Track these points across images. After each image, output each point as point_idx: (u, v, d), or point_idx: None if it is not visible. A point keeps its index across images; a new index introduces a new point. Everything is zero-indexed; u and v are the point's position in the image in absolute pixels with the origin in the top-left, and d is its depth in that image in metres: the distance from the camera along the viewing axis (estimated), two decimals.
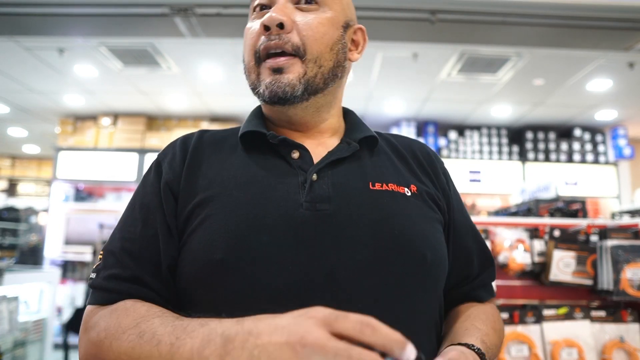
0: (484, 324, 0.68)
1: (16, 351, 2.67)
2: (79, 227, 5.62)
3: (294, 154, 0.68)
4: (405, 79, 4.48)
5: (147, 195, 0.67)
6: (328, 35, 0.68)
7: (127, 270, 0.62)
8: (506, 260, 1.76)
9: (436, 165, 0.77)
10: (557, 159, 5.73)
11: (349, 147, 0.70)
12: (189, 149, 0.71)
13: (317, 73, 0.67)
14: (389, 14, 2.81)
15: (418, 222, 0.66)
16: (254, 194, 0.63)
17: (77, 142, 5.86)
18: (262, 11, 0.69)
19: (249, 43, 0.69)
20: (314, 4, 0.68)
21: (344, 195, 0.64)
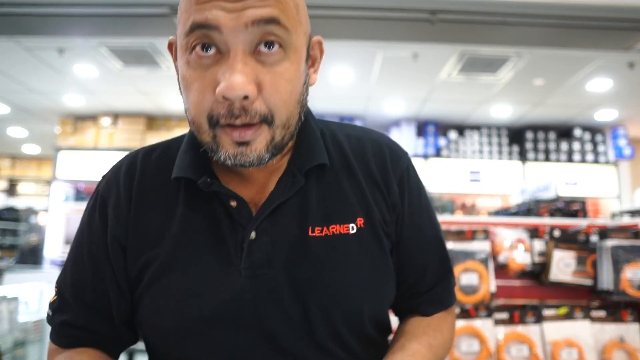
0: (416, 341, 0.67)
1: (16, 351, 2.68)
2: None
3: (231, 202, 0.63)
4: (405, 79, 4.48)
5: (93, 244, 0.66)
6: (296, 90, 0.58)
7: (80, 319, 0.65)
8: (506, 260, 1.76)
9: (389, 174, 0.70)
10: (557, 159, 5.73)
11: (292, 184, 0.64)
12: (133, 189, 0.67)
13: (284, 134, 0.59)
14: (389, 14, 2.81)
15: (357, 269, 0.64)
16: (196, 261, 0.62)
17: (77, 142, 5.86)
18: (205, 52, 0.54)
19: (195, 100, 0.56)
20: (277, 48, 0.55)
21: (282, 253, 0.62)
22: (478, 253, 1.73)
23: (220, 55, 0.55)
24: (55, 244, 5.60)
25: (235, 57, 0.53)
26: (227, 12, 0.52)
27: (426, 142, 5.74)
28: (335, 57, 3.97)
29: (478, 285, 1.69)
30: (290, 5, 0.56)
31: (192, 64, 0.56)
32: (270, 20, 0.53)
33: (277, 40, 0.55)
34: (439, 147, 5.78)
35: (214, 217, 0.63)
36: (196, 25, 0.53)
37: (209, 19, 0.52)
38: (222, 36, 0.53)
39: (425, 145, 5.73)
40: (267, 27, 0.53)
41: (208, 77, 0.55)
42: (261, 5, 0.53)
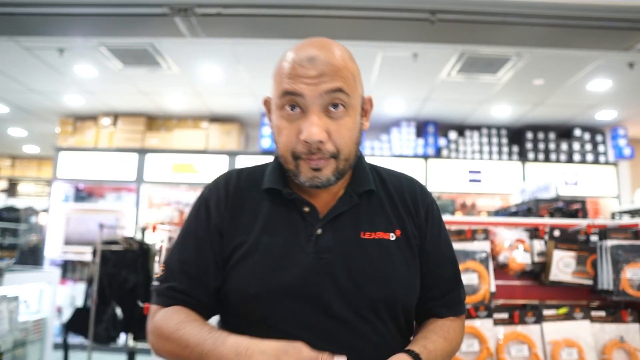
0: (434, 334, 0.88)
1: (16, 351, 2.68)
2: (79, 227, 5.62)
3: (305, 208, 0.87)
4: (405, 79, 4.48)
5: (200, 229, 0.89)
6: (354, 135, 0.84)
7: (183, 285, 0.85)
8: (506, 260, 1.76)
9: (419, 203, 0.94)
10: (557, 159, 5.73)
11: (350, 201, 0.88)
12: (230, 194, 0.90)
13: (345, 165, 0.84)
14: (389, 14, 2.81)
15: (395, 265, 0.86)
16: (277, 245, 0.84)
17: (77, 142, 5.86)
18: (292, 111, 0.81)
19: (285, 141, 0.82)
20: (341, 108, 0.80)
21: (340, 245, 0.84)
22: (478, 253, 1.73)
23: (303, 113, 0.80)
24: (55, 244, 5.61)
25: (312, 114, 0.79)
26: (308, 85, 0.78)
27: (426, 142, 5.74)
28: None
29: (478, 285, 1.69)
30: (350, 78, 0.82)
31: (283, 118, 0.82)
32: (337, 90, 0.79)
33: (341, 102, 0.80)
34: (439, 147, 5.78)
35: (290, 216, 0.87)
36: (287, 92, 0.80)
37: (295, 89, 0.79)
38: (304, 100, 0.79)
39: (425, 145, 5.73)
40: (334, 94, 0.79)
41: (294, 127, 0.81)
42: (331, 80, 0.79)
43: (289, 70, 0.80)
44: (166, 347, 0.80)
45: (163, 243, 1.96)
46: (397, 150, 5.70)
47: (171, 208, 5.78)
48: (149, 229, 4.15)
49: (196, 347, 0.75)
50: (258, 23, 2.96)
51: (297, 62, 0.80)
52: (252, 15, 2.86)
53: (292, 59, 0.81)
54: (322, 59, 0.79)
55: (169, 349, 0.80)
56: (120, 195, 5.85)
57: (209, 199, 0.91)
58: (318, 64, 0.79)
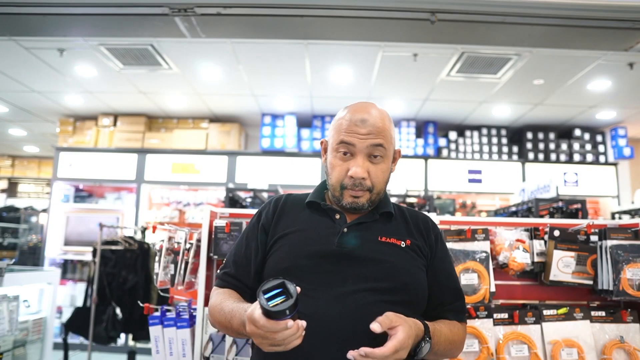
0: (440, 323, 1.10)
1: (16, 351, 2.68)
2: (79, 227, 5.62)
3: (336, 215, 1.15)
4: (405, 79, 4.48)
5: (250, 231, 1.19)
6: (386, 176, 1.14)
7: (232, 271, 1.16)
8: (506, 260, 1.76)
9: (430, 230, 1.19)
10: (557, 159, 5.73)
11: (372, 216, 1.15)
12: (279, 206, 1.20)
13: (377, 197, 1.13)
14: (389, 14, 2.81)
15: (406, 262, 1.09)
16: (309, 236, 1.11)
17: (77, 142, 5.86)
18: (345, 155, 1.10)
19: (337, 176, 1.11)
20: (379, 157, 1.10)
21: (361, 242, 1.09)
22: (478, 253, 1.73)
23: (352, 157, 1.10)
24: (55, 244, 5.61)
25: (359, 159, 1.09)
26: (359, 139, 1.09)
27: (426, 142, 5.74)
28: (335, 57, 3.97)
29: (478, 285, 1.69)
30: (389, 137, 1.12)
31: (337, 158, 1.12)
32: (379, 145, 1.09)
33: (380, 153, 1.10)
34: (439, 147, 5.78)
35: (323, 219, 1.15)
36: (343, 142, 1.10)
37: (350, 141, 1.09)
38: (355, 149, 1.09)
39: (425, 145, 5.73)
40: (376, 147, 1.09)
41: (344, 166, 1.11)
42: (375, 137, 1.09)
43: (347, 127, 1.10)
44: (213, 315, 1.09)
45: (163, 243, 1.96)
46: None
47: (171, 208, 5.79)
48: (149, 229, 4.15)
49: (228, 314, 1.01)
50: (258, 23, 2.95)
51: (353, 122, 1.10)
52: (252, 15, 2.86)
53: (350, 118, 1.11)
54: (371, 122, 1.10)
55: (214, 317, 1.09)
56: (120, 195, 5.85)
57: (262, 211, 1.21)
58: (368, 126, 1.09)
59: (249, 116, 5.82)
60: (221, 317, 1.05)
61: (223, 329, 1.08)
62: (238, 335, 1.03)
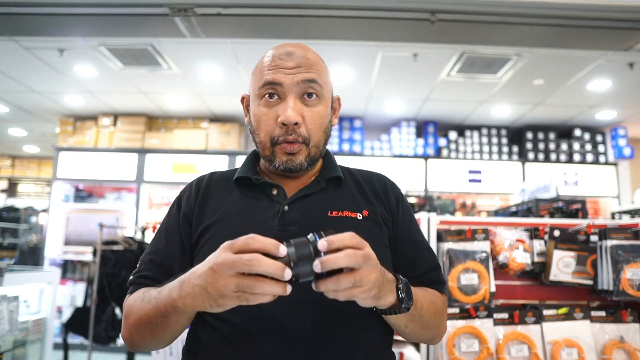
0: (417, 289, 0.86)
1: (16, 351, 2.68)
2: (79, 227, 5.62)
3: (273, 191, 0.93)
4: (405, 79, 4.48)
5: (170, 222, 0.96)
6: (324, 123, 0.93)
7: (150, 272, 0.91)
8: (506, 260, 1.76)
9: (389, 192, 1.00)
10: (557, 159, 5.73)
11: (317, 185, 0.94)
12: (201, 188, 0.98)
13: (316, 152, 0.92)
14: (389, 14, 2.81)
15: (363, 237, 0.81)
16: (243, 222, 0.89)
17: (77, 142, 5.86)
18: (271, 99, 0.89)
19: (264, 128, 0.90)
20: (314, 97, 0.90)
21: (307, 220, 0.89)
22: (478, 253, 1.73)
23: (280, 100, 0.89)
24: (55, 244, 5.61)
25: (290, 100, 0.88)
26: (286, 75, 0.88)
27: (426, 142, 5.74)
28: (335, 57, 3.97)
29: (478, 285, 1.69)
30: (323, 72, 0.93)
31: (262, 105, 0.90)
32: (311, 80, 0.89)
33: (315, 92, 0.90)
34: (439, 147, 5.78)
35: (258, 197, 0.93)
36: (267, 82, 0.88)
37: (275, 79, 0.88)
38: (283, 89, 0.88)
39: (425, 145, 5.73)
40: (309, 84, 0.89)
41: (272, 112, 0.89)
42: (306, 71, 0.89)
43: (270, 62, 0.90)
44: (133, 318, 0.82)
45: None
46: (397, 150, 5.70)
47: None
48: (149, 229, 4.16)
49: (153, 300, 0.78)
50: (258, 23, 2.96)
51: (276, 56, 0.90)
52: (252, 15, 2.86)
53: (272, 54, 0.91)
54: (299, 53, 0.90)
55: (136, 318, 0.81)
56: (120, 195, 5.85)
57: (182, 197, 0.99)
58: (295, 58, 0.89)
59: None
60: (144, 308, 0.79)
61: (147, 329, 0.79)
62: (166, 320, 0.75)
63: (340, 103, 1.03)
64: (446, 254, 1.74)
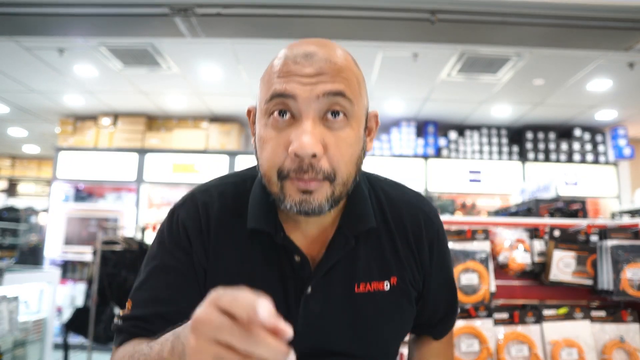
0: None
1: (16, 351, 2.67)
2: (79, 227, 5.62)
3: (296, 257, 0.72)
4: (405, 79, 4.48)
5: (179, 262, 0.73)
6: (355, 153, 0.68)
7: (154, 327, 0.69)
8: (506, 260, 1.76)
9: (422, 239, 0.81)
10: (557, 159, 5.73)
11: (344, 245, 0.74)
12: (212, 226, 0.75)
13: (342, 191, 0.68)
14: (389, 14, 2.81)
15: (389, 323, 0.77)
16: None
17: (77, 142, 5.86)
18: (282, 117, 0.65)
19: (270, 158, 0.66)
20: (342, 117, 0.66)
21: (332, 307, 0.74)
22: (478, 253, 1.73)
23: (294, 120, 0.65)
24: (55, 244, 5.61)
25: (307, 121, 0.63)
26: (302, 85, 0.63)
27: (426, 142, 5.74)
28: None
29: (478, 285, 1.69)
30: (354, 81, 0.67)
31: (269, 126, 0.66)
32: (338, 93, 0.64)
33: (342, 110, 0.65)
34: (439, 147, 5.78)
35: (281, 270, 0.73)
36: (276, 94, 0.64)
37: (287, 89, 0.64)
38: (297, 104, 0.64)
39: (425, 145, 5.73)
40: (334, 98, 0.64)
41: (282, 137, 0.65)
42: (331, 81, 0.64)
43: (280, 67, 0.66)
44: None
45: None
46: (397, 150, 5.70)
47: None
48: (149, 229, 4.16)
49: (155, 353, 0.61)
50: (258, 23, 2.96)
51: (290, 58, 0.65)
52: (252, 15, 2.86)
53: (285, 55, 0.67)
54: (322, 55, 0.65)
55: None
56: (120, 195, 5.85)
57: (187, 226, 0.75)
58: (316, 61, 0.64)
59: None
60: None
61: None
62: None
63: (377, 121, 0.78)
64: None
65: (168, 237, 0.75)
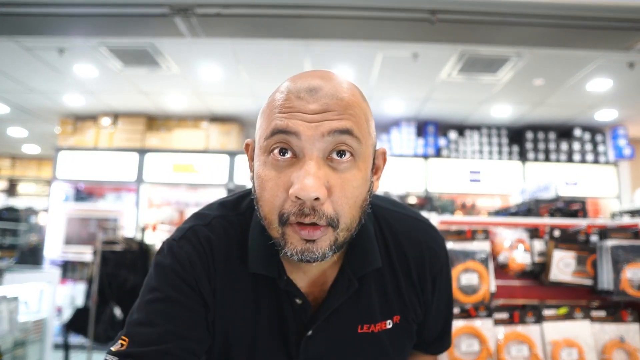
0: None
1: (16, 351, 2.67)
2: (79, 227, 5.62)
3: (297, 299, 0.71)
4: (405, 79, 4.48)
5: (187, 298, 0.69)
6: (361, 196, 0.64)
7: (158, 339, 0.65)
8: (506, 260, 1.76)
9: (427, 275, 0.79)
10: (557, 159, 5.73)
11: (347, 288, 0.72)
12: (218, 267, 0.72)
13: (346, 236, 0.65)
14: (389, 14, 2.81)
15: (391, 355, 0.77)
16: (263, 352, 0.72)
17: (77, 142, 5.86)
18: (282, 156, 0.61)
19: (270, 200, 0.62)
20: (348, 157, 0.62)
21: (334, 347, 0.73)
22: (478, 253, 1.73)
23: (296, 160, 0.61)
24: (55, 244, 5.61)
25: (310, 161, 0.60)
26: (306, 122, 0.60)
27: (426, 142, 5.74)
28: (335, 57, 3.97)
29: (478, 285, 1.69)
30: (362, 118, 0.64)
31: (268, 165, 0.62)
32: (345, 131, 0.60)
33: (349, 149, 0.62)
34: (439, 147, 5.78)
35: (282, 314, 0.72)
36: (277, 130, 0.60)
37: (289, 126, 0.60)
38: (300, 142, 0.60)
39: (425, 145, 5.73)
40: (341, 137, 0.60)
41: (282, 178, 0.61)
42: (337, 118, 0.60)
43: (282, 102, 0.62)
44: None
45: None
46: (397, 150, 5.70)
47: (171, 208, 5.78)
48: (149, 229, 4.16)
49: None
50: (258, 23, 2.96)
51: (293, 92, 0.62)
52: (252, 16, 2.86)
53: (288, 88, 0.63)
54: (327, 90, 0.62)
55: None
56: (120, 196, 5.85)
57: (192, 261, 0.71)
58: (321, 97, 0.61)
59: (249, 116, 5.82)
60: None
61: None
62: None
63: (385, 158, 0.73)
64: None
65: (171, 270, 0.70)
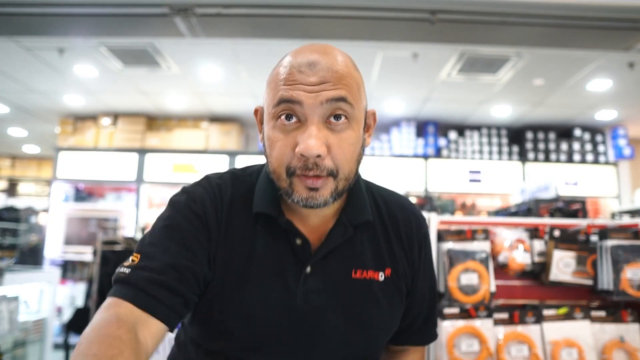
0: None
1: (16, 351, 2.67)
2: (79, 227, 5.62)
3: (297, 240, 0.80)
4: (405, 79, 4.48)
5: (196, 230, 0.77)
6: (356, 151, 0.77)
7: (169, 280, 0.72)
8: (506, 260, 1.76)
9: (413, 239, 0.90)
10: (557, 159, 5.73)
11: (344, 233, 0.82)
12: (225, 210, 0.81)
13: (345, 185, 0.76)
14: (389, 14, 2.81)
15: (381, 312, 0.83)
16: (264, 284, 0.78)
17: (77, 142, 5.86)
18: (288, 121, 0.72)
19: (278, 157, 0.74)
20: (343, 120, 0.73)
21: (330, 288, 0.80)
22: (478, 253, 1.73)
23: (300, 124, 0.73)
24: (55, 244, 5.61)
25: (312, 125, 0.71)
26: (307, 92, 0.71)
27: (426, 142, 5.74)
28: None
29: (478, 285, 1.69)
30: (354, 86, 0.75)
31: (277, 128, 0.74)
32: (340, 99, 0.72)
33: (344, 113, 0.73)
34: (439, 147, 5.78)
35: (281, 252, 0.80)
36: (283, 99, 0.72)
37: (293, 96, 0.71)
38: (303, 109, 0.71)
39: (425, 145, 5.73)
40: (337, 103, 0.72)
41: (289, 139, 0.73)
42: (333, 88, 0.72)
43: (286, 75, 0.73)
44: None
45: None
46: (397, 150, 5.70)
47: None
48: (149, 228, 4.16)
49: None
50: (258, 23, 2.96)
51: (295, 67, 0.73)
52: (252, 15, 2.86)
53: (290, 63, 0.74)
54: (324, 64, 0.73)
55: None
56: (120, 195, 5.85)
57: (205, 200, 0.80)
58: (319, 70, 0.72)
59: (249, 116, 5.82)
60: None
61: None
62: None
63: (375, 118, 0.86)
64: (446, 254, 1.74)
65: (184, 205, 0.79)
